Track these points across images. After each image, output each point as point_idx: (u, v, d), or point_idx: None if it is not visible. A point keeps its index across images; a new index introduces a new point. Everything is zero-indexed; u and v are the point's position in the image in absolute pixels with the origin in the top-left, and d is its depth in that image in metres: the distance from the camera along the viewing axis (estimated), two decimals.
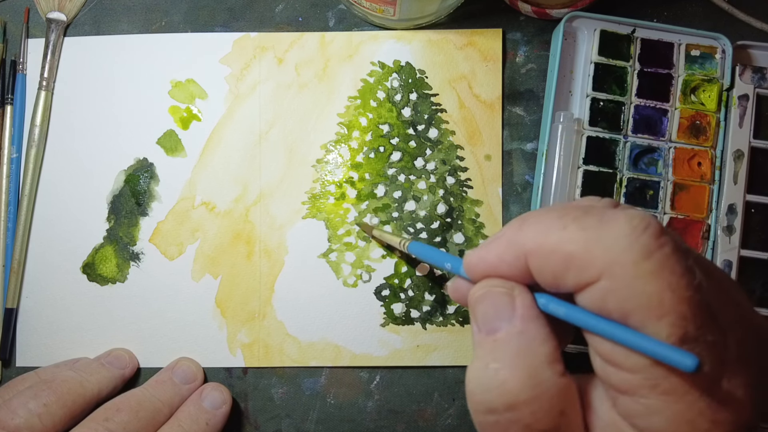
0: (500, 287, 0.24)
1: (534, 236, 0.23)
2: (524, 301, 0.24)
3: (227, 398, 0.40)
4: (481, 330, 0.24)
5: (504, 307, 0.24)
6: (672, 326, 0.20)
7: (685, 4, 0.43)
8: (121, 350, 0.41)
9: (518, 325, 0.23)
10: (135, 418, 0.36)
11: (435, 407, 0.41)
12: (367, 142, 0.43)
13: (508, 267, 0.24)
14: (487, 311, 0.24)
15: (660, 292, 0.20)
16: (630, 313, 0.21)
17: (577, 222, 0.22)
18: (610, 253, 0.21)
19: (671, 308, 0.20)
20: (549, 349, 0.23)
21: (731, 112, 0.40)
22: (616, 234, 0.21)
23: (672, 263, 0.21)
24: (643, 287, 0.21)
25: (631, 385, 0.21)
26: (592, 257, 0.21)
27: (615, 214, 0.22)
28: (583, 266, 0.22)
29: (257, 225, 0.42)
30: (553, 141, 0.40)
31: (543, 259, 0.23)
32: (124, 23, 0.44)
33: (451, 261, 0.29)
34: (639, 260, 0.21)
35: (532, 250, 0.23)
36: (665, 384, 0.21)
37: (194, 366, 0.40)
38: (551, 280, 0.23)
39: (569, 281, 0.22)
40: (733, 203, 0.40)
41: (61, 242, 0.42)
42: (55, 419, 0.35)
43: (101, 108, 0.43)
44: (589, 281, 0.22)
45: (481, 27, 0.43)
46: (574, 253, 0.22)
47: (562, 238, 0.22)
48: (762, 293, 0.40)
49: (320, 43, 0.43)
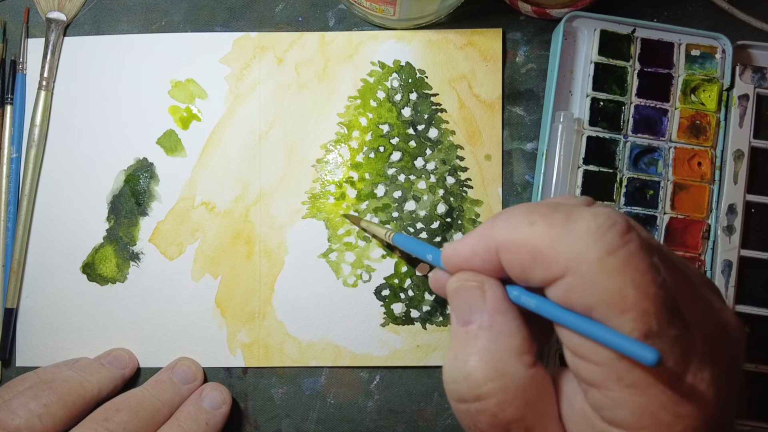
0: (472, 281, 0.25)
1: (504, 231, 0.24)
2: (494, 294, 0.25)
3: (227, 398, 0.40)
4: (457, 321, 0.25)
5: (475, 300, 0.25)
6: (635, 321, 0.21)
7: (685, 4, 0.43)
8: (121, 350, 0.41)
9: (487, 318, 0.24)
10: (135, 417, 0.36)
11: (435, 407, 0.41)
12: (367, 142, 0.43)
13: (481, 260, 0.25)
14: (461, 304, 0.25)
15: (623, 288, 0.21)
16: (593, 308, 0.22)
17: (544, 218, 0.23)
18: (575, 249, 0.22)
19: (634, 304, 0.21)
20: (518, 342, 0.24)
21: (731, 112, 0.40)
22: (582, 231, 0.22)
23: (636, 260, 0.21)
24: (605, 283, 0.21)
25: (598, 378, 0.22)
26: (557, 253, 0.22)
27: (582, 211, 0.23)
28: (548, 262, 0.22)
29: (257, 225, 0.42)
30: (553, 141, 0.40)
31: (512, 254, 0.24)
32: (124, 23, 0.44)
33: (432, 252, 0.30)
34: (603, 256, 0.21)
35: (502, 244, 0.24)
36: (629, 377, 0.21)
37: (194, 366, 0.40)
38: (520, 274, 0.24)
39: (537, 276, 0.23)
40: (733, 203, 0.40)
41: (61, 242, 0.42)
42: (56, 419, 0.35)
43: (101, 108, 0.43)
44: (555, 276, 0.22)
45: (481, 27, 0.43)
46: (540, 249, 0.22)
47: (530, 233, 0.23)
48: (762, 293, 0.40)
49: (320, 43, 0.43)
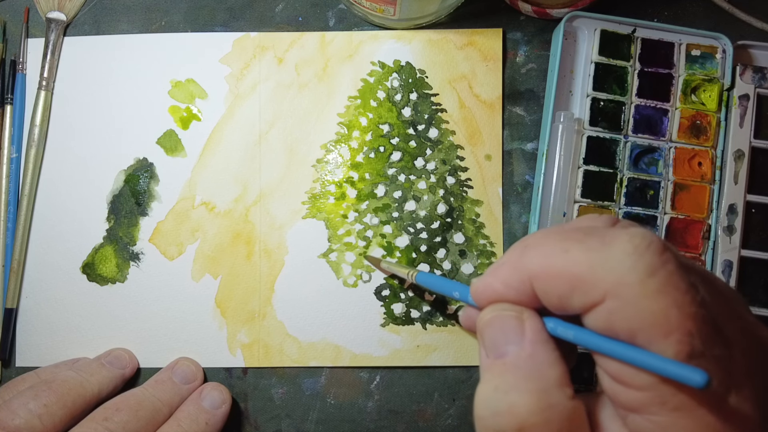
0: (509, 311, 0.24)
1: (538, 260, 0.23)
2: (533, 324, 0.24)
3: (227, 398, 0.40)
4: (489, 354, 0.24)
5: (513, 331, 0.24)
6: (679, 343, 0.20)
7: (685, 4, 0.43)
8: (121, 350, 0.41)
9: (528, 349, 0.23)
10: (134, 417, 0.36)
11: (435, 407, 0.41)
12: (367, 142, 0.43)
13: (515, 292, 0.24)
14: (495, 335, 0.24)
15: (665, 310, 0.21)
16: (637, 332, 0.21)
17: (579, 244, 0.22)
18: (614, 273, 0.21)
19: (677, 325, 0.20)
20: (558, 373, 0.23)
21: (732, 111, 0.40)
22: (619, 254, 0.21)
23: (676, 280, 0.21)
24: (648, 306, 0.21)
25: (641, 403, 0.22)
26: (597, 278, 0.21)
27: (616, 233, 0.22)
28: (588, 288, 0.22)
29: (257, 225, 0.42)
30: (554, 141, 0.40)
31: (548, 283, 0.23)
32: (124, 23, 0.44)
33: (458, 289, 0.29)
34: (644, 279, 0.21)
35: (536, 274, 0.23)
36: (674, 401, 0.21)
37: (194, 366, 0.40)
38: (557, 302, 0.23)
39: (575, 303, 0.22)
40: (733, 203, 0.40)
41: (61, 242, 0.42)
42: (56, 419, 0.35)
43: (101, 108, 0.43)
44: (595, 302, 0.22)
45: (481, 27, 0.43)
46: (578, 275, 0.22)
47: (566, 260, 0.22)
48: (763, 293, 0.40)
49: (320, 42, 0.43)
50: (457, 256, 0.42)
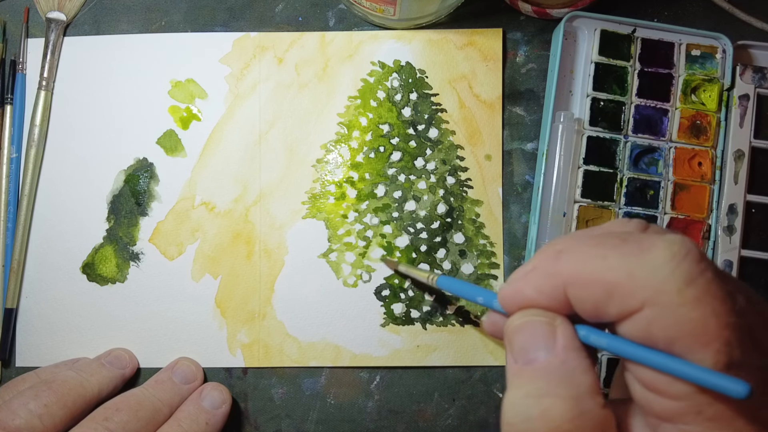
0: (541, 317, 0.24)
1: (572, 266, 0.23)
2: (566, 331, 0.23)
3: (227, 398, 0.40)
4: (518, 360, 0.24)
5: (544, 337, 0.23)
6: (718, 353, 0.20)
7: (685, 4, 0.43)
8: (121, 350, 0.41)
9: (560, 355, 0.23)
10: (134, 417, 0.36)
11: (435, 407, 0.41)
12: (367, 142, 0.43)
13: (547, 298, 0.24)
14: (526, 341, 0.24)
15: (704, 319, 0.20)
16: (675, 341, 0.21)
17: (616, 250, 0.22)
18: (653, 281, 0.21)
19: (716, 334, 0.20)
20: (591, 380, 0.23)
21: (732, 111, 0.40)
22: (658, 261, 0.21)
23: (714, 289, 0.21)
24: (687, 314, 0.20)
25: (675, 413, 0.21)
26: (635, 286, 0.21)
27: (653, 240, 0.22)
28: (625, 295, 0.21)
29: (257, 225, 0.42)
30: (554, 141, 0.40)
31: (583, 290, 0.23)
32: (124, 23, 0.44)
33: (483, 294, 0.28)
34: (682, 287, 0.21)
35: (571, 280, 0.23)
36: (710, 411, 0.21)
37: (194, 366, 0.40)
38: (592, 310, 0.23)
39: (611, 311, 0.22)
40: (733, 203, 0.40)
41: (61, 242, 0.42)
42: (56, 420, 0.35)
43: (101, 108, 0.43)
44: (633, 310, 0.22)
45: (481, 27, 0.43)
46: (615, 283, 0.22)
47: (603, 267, 0.22)
48: (763, 293, 0.40)
49: (320, 42, 0.43)
50: (457, 256, 0.42)
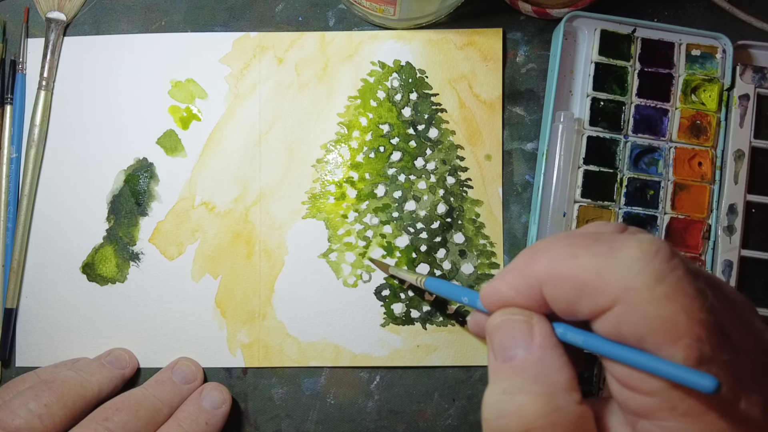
0: (518, 315, 0.24)
1: (545, 265, 0.23)
2: (543, 329, 0.24)
3: (227, 398, 0.40)
4: (497, 357, 0.24)
5: (522, 335, 0.24)
6: (688, 348, 0.21)
7: (685, 4, 0.43)
8: (120, 350, 0.41)
9: (536, 353, 0.23)
10: (134, 417, 0.36)
11: (435, 407, 0.41)
12: (367, 142, 0.43)
13: (523, 297, 0.24)
14: (504, 339, 0.24)
15: (674, 316, 0.21)
16: (645, 338, 0.21)
17: (587, 249, 0.22)
18: (623, 279, 0.21)
19: (686, 331, 0.21)
20: (566, 377, 0.23)
21: (732, 111, 0.40)
22: (628, 259, 0.21)
23: (684, 286, 0.21)
24: (657, 311, 0.21)
25: (650, 409, 0.22)
26: (605, 284, 0.22)
27: (624, 239, 0.22)
28: (596, 293, 0.22)
29: (257, 225, 0.42)
30: (554, 141, 0.40)
31: (556, 288, 0.23)
32: (124, 23, 0.44)
33: (467, 295, 0.29)
34: (652, 284, 0.21)
35: (544, 279, 0.23)
36: (683, 406, 0.21)
37: (194, 366, 0.40)
38: (566, 308, 0.23)
39: (584, 308, 0.22)
40: (733, 203, 0.40)
41: (61, 242, 0.42)
42: (56, 420, 0.35)
43: (101, 108, 0.43)
44: (604, 308, 0.22)
45: (481, 27, 0.43)
46: (586, 281, 0.22)
47: (575, 266, 0.22)
48: (763, 293, 0.40)
49: (320, 42, 0.43)
50: (457, 256, 0.42)
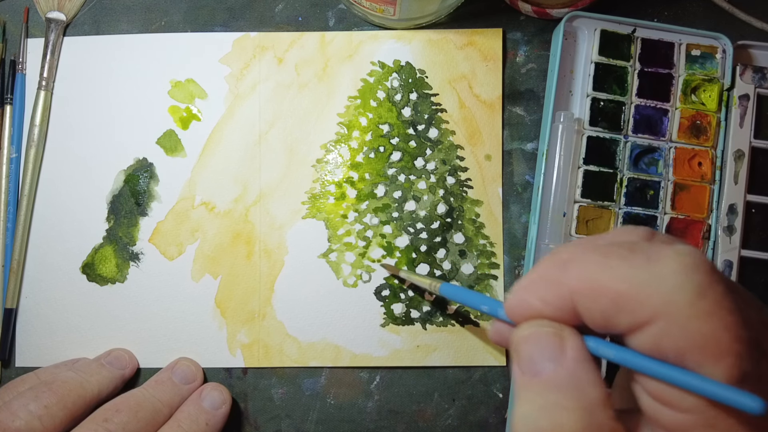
0: (548, 327, 0.23)
1: (580, 276, 0.22)
2: (574, 342, 0.23)
3: (227, 398, 0.40)
4: (525, 372, 0.23)
5: (553, 348, 0.23)
6: (730, 366, 0.20)
7: (685, 4, 0.43)
8: (120, 350, 0.41)
9: (569, 367, 0.22)
10: (134, 418, 0.36)
11: (435, 407, 0.41)
12: (367, 142, 0.43)
13: (553, 309, 0.23)
14: (533, 352, 0.23)
15: (717, 332, 0.20)
16: (686, 354, 0.21)
17: (624, 260, 0.22)
18: (664, 293, 0.21)
19: (728, 348, 0.20)
20: (601, 392, 0.22)
21: (732, 111, 0.40)
22: (668, 272, 0.21)
23: (726, 302, 0.20)
24: (699, 328, 0.20)
25: (687, 426, 0.21)
26: (645, 298, 0.21)
27: (662, 250, 0.22)
28: (635, 307, 0.21)
29: (257, 225, 0.42)
30: (554, 141, 0.40)
31: (592, 301, 0.22)
32: (124, 23, 0.44)
33: (487, 303, 0.28)
34: (694, 300, 0.20)
35: (579, 291, 0.22)
36: (723, 425, 0.20)
37: (194, 366, 0.40)
38: (601, 321, 0.22)
39: (621, 322, 0.22)
40: (733, 203, 0.40)
41: (61, 242, 0.42)
42: (56, 421, 0.35)
43: (101, 108, 0.43)
44: (643, 322, 0.21)
45: (481, 27, 0.43)
46: (625, 294, 0.21)
47: (611, 277, 0.22)
48: (763, 293, 0.40)
49: (320, 42, 0.43)
50: (457, 256, 0.42)
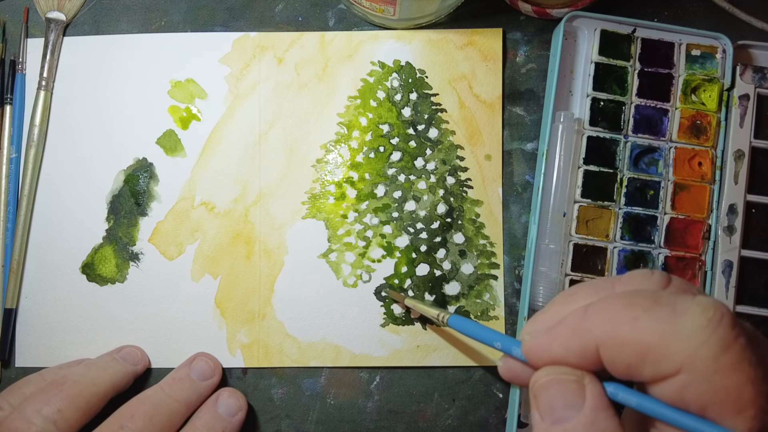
0: (569, 375, 0.24)
1: (604, 326, 0.23)
2: (594, 390, 0.23)
3: (243, 405, 0.39)
4: (545, 419, 0.23)
5: (573, 396, 0.23)
6: (752, 419, 0.20)
7: (685, 4, 0.43)
8: (132, 347, 0.41)
9: (590, 415, 0.23)
10: (149, 423, 0.35)
11: (435, 407, 0.41)
12: (367, 142, 0.43)
13: (576, 356, 0.23)
14: (553, 399, 0.23)
15: (739, 386, 0.21)
16: (709, 407, 0.21)
17: (648, 312, 0.22)
18: (689, 347, 0.21)
19: (750, 402, 0.20)
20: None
21: (732, 111, 0.40)
22: (693, 326, 0.21)
23: (749, 355, 0.21)
24: (723, 381, 0.21)
25: None
26: (670, 351, 0.21)
27: (686, 303, 0.22)
28: (660, 359, 0.21)
29: (257, 225, 0.42)
30: (554, 141, 0.40)
31: (616, 351, 0.22)
32: (124, 23, 0.44)
33: (501, 340, 0.27)
34: (718, 354, 0.21)
35: (603, 341, 0.23)
36: None
37: (212, 362, 0.40)
38: (625, 370, 0.23)
39: (645, 373, 0.22)
40: (733, 203, 0.40)
41: (61, 242, 0.42)
42: (71, 422, 0.34)
43: (100, 108, 0.43)
44: (668, 374, 0.22)
45: (481, 27, 0.43)
46: (650, 346, 0.22)
47: (636, 329, 0.22)
48: (763, 293, 0.40)
49: (320, 42, 0.43)
50: (457, 256, 0.42)
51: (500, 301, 0.42)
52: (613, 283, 0.26)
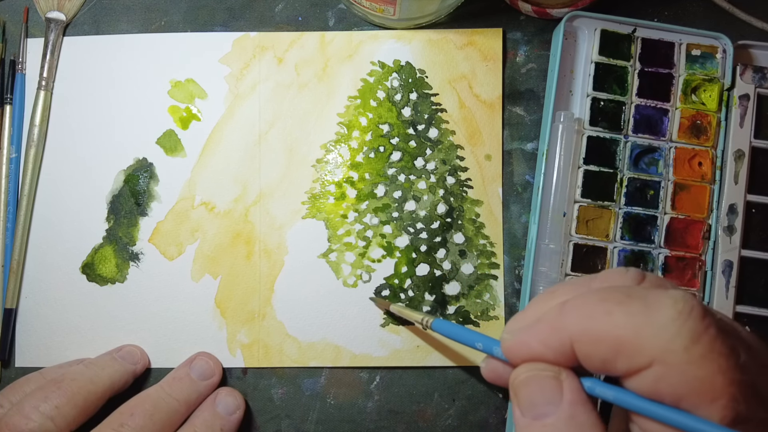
0: (546, 371, 0.24)
1: (578, 321, 0.23)
2: (572, 385, 0.24)
3: (241, 403, 0.39)
4: (525, 414, 0.24)
5: (551, 392, 0.24)
6: (725, 408, 0.21)
7: (685, 4, 0.43)
8: (132, 346, 0.41)
9: (567, 410, 0.23)
10: (150, 421, 0.35)
11: (435, 407, 0.41)
12: (367, 142, 0.43)
13: (553, 353, 0.24)
14: (532, 395, 0.24)
15: (711, 376, 0.21)
16: (682, 397, 0.21)
17: (621, 306, 0.22)
18: (661, 339, 0.21)
19: (722, 391, 0.21)
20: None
21: (732, 111, 0.40)
22: (664, 319, 0.22)
23: (719, 345, 0.21)
24: (695, 372, 0.21)
25: None
26: (643, 344, 0.22)
27: (658, 297, 0.22)
28: (633, 353, 0.22)
29: (257, 225, 0.42)
30: (554, 141, 0.40)
31: (591, 346, 0.23)
32: (124, 23, 0.44)
33: (482, 341, 0.28)
34: (689, 345, 0.21)
35: (577, 336, 0.23)
36: None
37: (212, 361, 0.40)
38: (599, 364, 0.23)
39: (619, 367, 0.22)
40: (733, 203, 0.40)
41: (61, 242, 0.42)
42: (68, 419, 0.35)
43: (100, 108, 0.43)
44: (641, 367, 0.22)
45: (481, 26, 0.43)
46: (624, 340, 0.22)
47: (610, 324, 0.22)
48: (763, 293, 0.40)
49: (320, 42, 0.43)
50: (457, 256, 0.42)
51: (500, 301, 0.42)
52: (591, 280, 0.26)
